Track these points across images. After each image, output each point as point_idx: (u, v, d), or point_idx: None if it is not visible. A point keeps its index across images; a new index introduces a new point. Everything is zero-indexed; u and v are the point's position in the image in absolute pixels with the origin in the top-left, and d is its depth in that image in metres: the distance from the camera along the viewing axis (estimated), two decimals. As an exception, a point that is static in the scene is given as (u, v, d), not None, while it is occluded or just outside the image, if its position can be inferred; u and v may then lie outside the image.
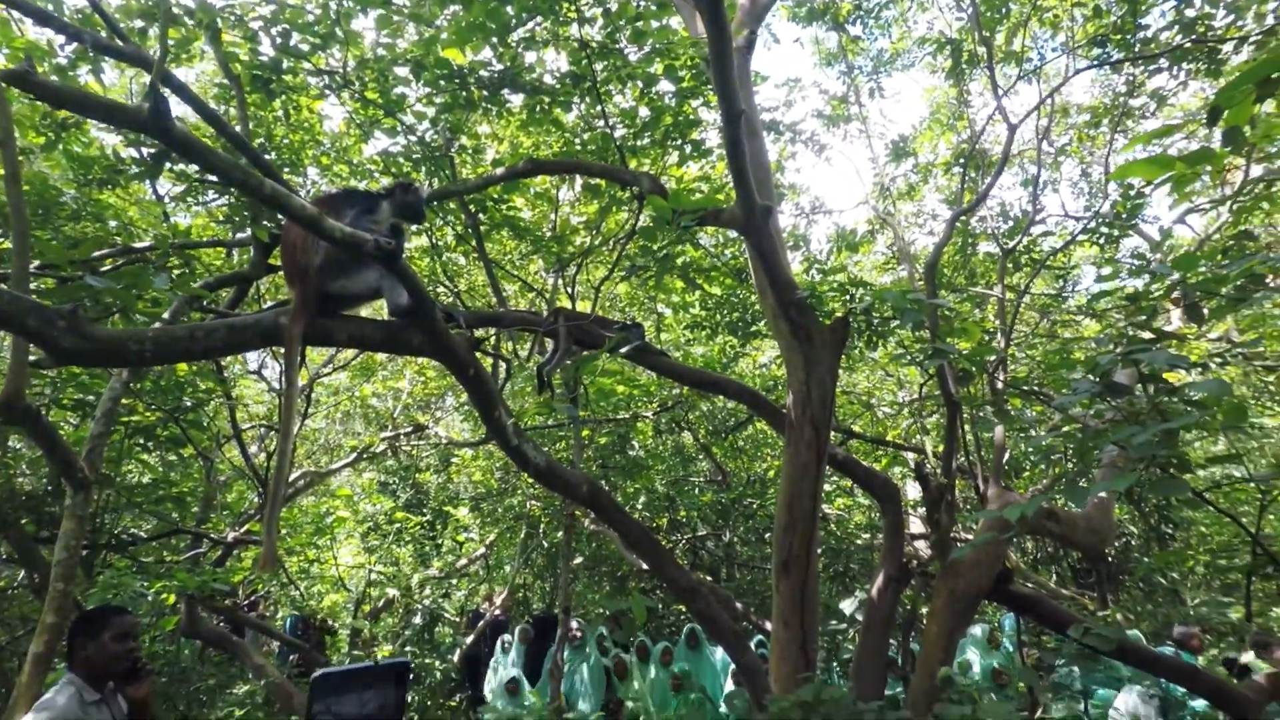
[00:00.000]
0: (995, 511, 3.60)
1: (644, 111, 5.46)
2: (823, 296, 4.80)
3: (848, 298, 4.66)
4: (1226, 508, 4.54)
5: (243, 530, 7.27)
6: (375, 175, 5.81)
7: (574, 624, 7.67)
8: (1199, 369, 4.10)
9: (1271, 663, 4.30)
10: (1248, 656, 5.69)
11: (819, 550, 5.13)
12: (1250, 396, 7.57)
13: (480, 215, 5.49)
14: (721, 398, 9.47)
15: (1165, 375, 3.21)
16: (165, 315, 4.32)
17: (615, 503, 3.84)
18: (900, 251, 6.70)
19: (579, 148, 5.84)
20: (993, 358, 5.13)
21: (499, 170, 4.58)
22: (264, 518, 2.39)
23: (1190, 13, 5.14)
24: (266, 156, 4.85)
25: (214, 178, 4.32)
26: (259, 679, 7.93)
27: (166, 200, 6.00)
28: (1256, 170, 6.26)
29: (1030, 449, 6.10)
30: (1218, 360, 6.12)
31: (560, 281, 6.31)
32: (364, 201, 2.72)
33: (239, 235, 4.82)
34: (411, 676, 7.88)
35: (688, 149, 5.35)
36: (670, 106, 5.07)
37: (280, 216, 3.70)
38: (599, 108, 4.98)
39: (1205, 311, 3.13)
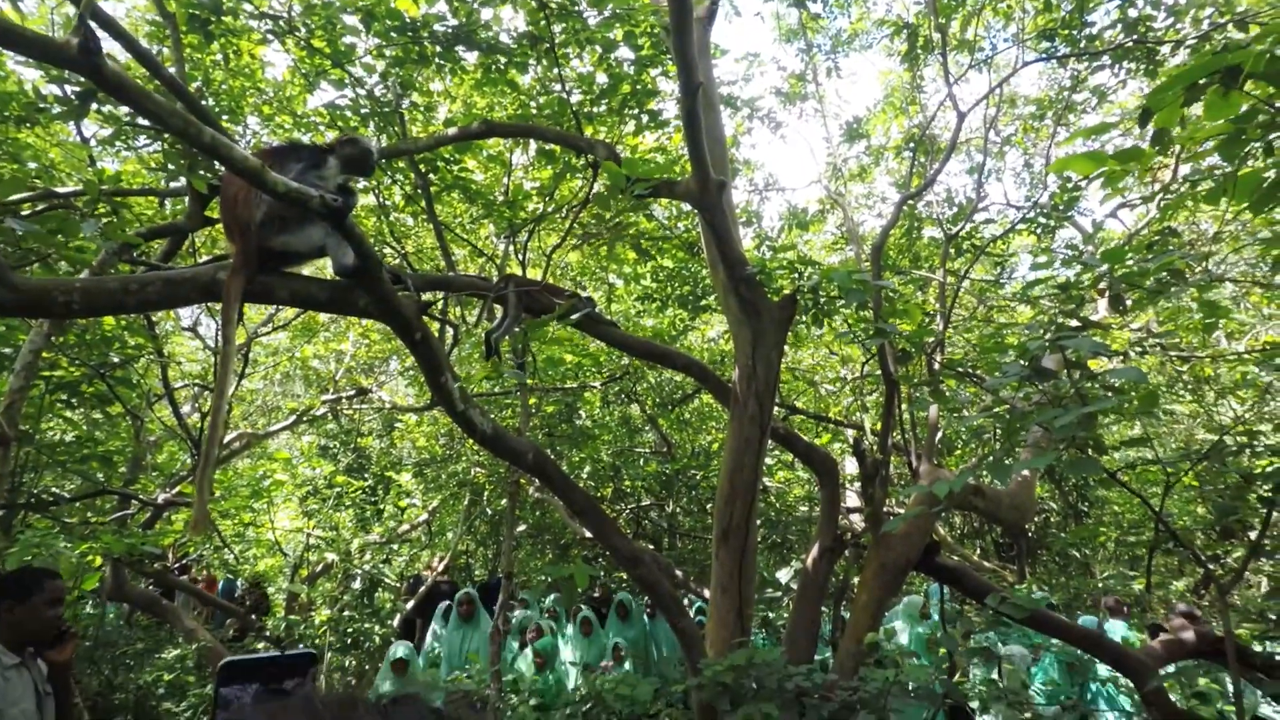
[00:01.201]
0: (926, 487, 3.75)
1: (601, 78, 5.38)
2: (772, 274, 4.87)
3: (796, 276, 4.74)
4: (1136, 488, 4.84)
5: (174, 492, 7.04)
6: (320, 129, 5.60)
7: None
8: (1119, 357, 4.33)
9: (1170, 630, 4.63)
10: (1116, 623, 6.16)
11: (758, 521, 5.27)
12: (1164, 385, 8.03)
13: (430, 176, 5.36)
14: (669, 370, 9.57)
15: (1089, 362, 3.38)
16: (93, 265, 4.11)
17: (561, 471, 3.86)
18: (849, 232, 6.82)
19: (534, 112, 5.74)
20: (931, 339, 5.30)
21: (451, 130, 4.47)
22: (196, 478, 2.34)
23: (1133, 12, 5.33)
24: (203, 103, 4.62)
25: (147, 122, 4.11)
26: (190, 643, 7.77)
27: (93, 144, 5.66)
28: (1185, 169, 6.57)
29: (962, 428, 6.36)
30: (1137, 350, 6.47)
31: (511, 248, 6.23)
32: (310, 156, 2.63)
33: (173, 184, 4.59)
34: (317, 658, 7.81)
35: (644, 119, 5.32)
36: (629, 75, 5.02)
37: (220, 167, 3.55)
38: (556, 71, 4.89)
39: (1129, 302, 3.30)
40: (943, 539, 8.63)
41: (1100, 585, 9.47)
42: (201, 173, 4.07)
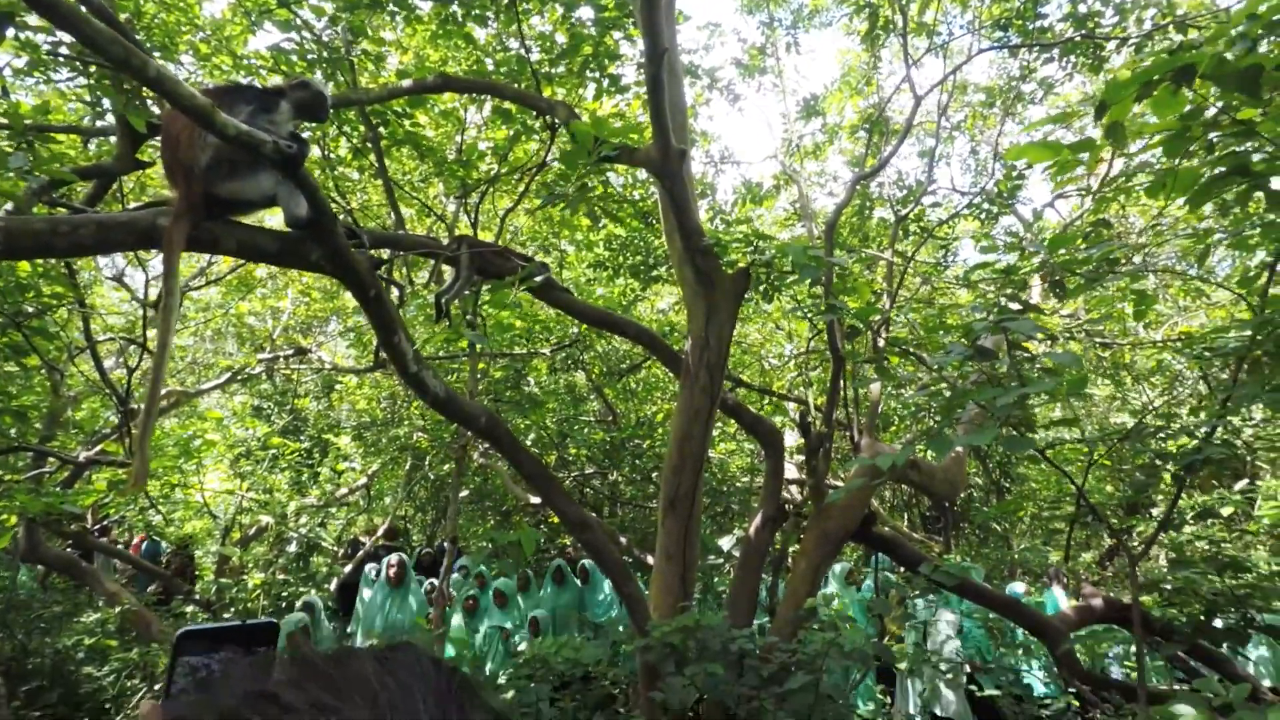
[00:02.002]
0: (869, 460, 3.88)
1: (561, 38, 5.25)
2: (727, 246, 4.90)
3: (751, 249, 4.78)
4: (1061, 465, 5.11)
5: (96, 450, 6.69)
6: (263, 73, 5.30)
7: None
8: (1051, 340, 4.54)
9: (1083, 598, 4.95)
10: (1057, 590, 6.56)
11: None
12: (1088, 369, 8.47)
13: (380, 130, 5.16)
14: (617, 339, 9.56)
15: (1025, 345, 3.53)
16: (8, 207, 3.82)
17: (512, 436, 3.84)
18: (802, 209, 6.91)
19: (491, 69, 5.56)
20: (877, 318, 5.45)
21: (406, 82, 4.30)
22: (137, 435, 2.23)
23: (1082, 8, 5.49)
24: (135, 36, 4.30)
25: (70, 53, 3.82)
26: (112, 606, 7.48)
27: (6, 74, 5.22)
28: (1119, 164, 6.87)
29: (902, 404, 6.58)
30: (1065, 335, 6.80)
31: (462, 208, 6.08)
32: (260, 98, 2.49)
33: (100, 123, 4.29)
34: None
35: (605, 83, 5.22)
36: (590, 35, 4.91)
37: (158, 106, 3.34)
38: (515, 27, 4.74)
39: (1067, 288, 3.45)
40: (875, 510, 8.96)
41: (1016, 557, 10.06)
42: (137, 110, 3.81)
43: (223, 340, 12.19)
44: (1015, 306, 3.70)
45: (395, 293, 6.96)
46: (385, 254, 3.94)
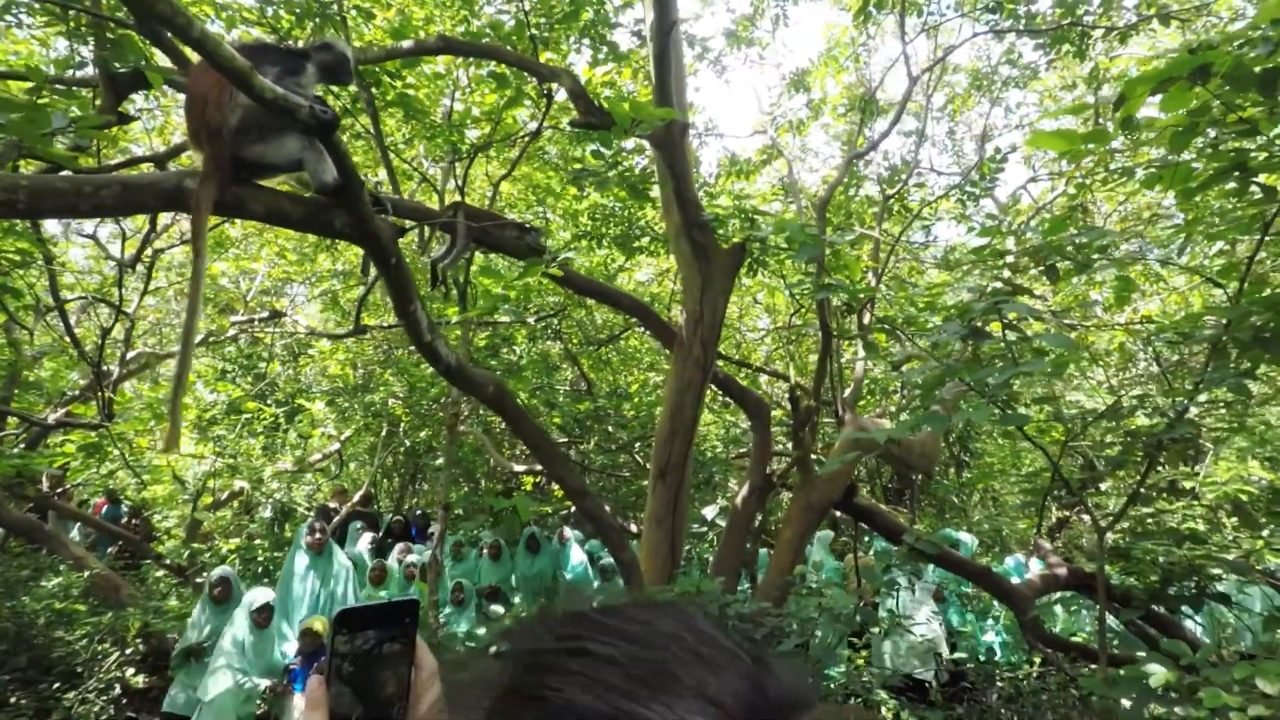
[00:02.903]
0: (861, 434, 4.02)
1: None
2: (724, 220, 4.95)
3: (747, 224, 4.84)
4: (1038, 441, 5.33)
5: (63, 412, 6.51)
6: (248, 27, 5.10)
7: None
8: (1042, 321, 4.70)
9: (1049, 567, 5.22)
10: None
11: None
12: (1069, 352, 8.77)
13: (372, 90, 5.03)
14: (597, 309, 9.56)
15: (1022, 326, 3.68)
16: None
17: (517, 405, 3.87)
18: (789, 185, 6.98)
19: (478, 30, 5.43)
20: (864, 296, 5.57)
21: (406, 43, 4.20)
22: (170, 399, 2.21)
23: (1072, -4, 5.60)
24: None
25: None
26: (79, 570, 7.33)
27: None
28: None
29: (890, 380, 6.75)
30: (1032, 316, 7.03)
31: (453, 174, 5.99)
32: (286, 60, 2.43)
33: (81, 73, 4.11)
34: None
35: (604, 51, 5.17)
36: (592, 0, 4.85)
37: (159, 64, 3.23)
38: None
39: (1059, 272, 3.60)
40: (855, 482, 9.25)
41: (971, 528, 10.49)
42: (119, 59, 3.65)
43: (185, 299, 11.80)
44: (1009, 289, 3.85)
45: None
46: (406, 222, 3.88)
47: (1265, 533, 4.96)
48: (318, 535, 6.12)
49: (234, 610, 5.42)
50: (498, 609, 6.96)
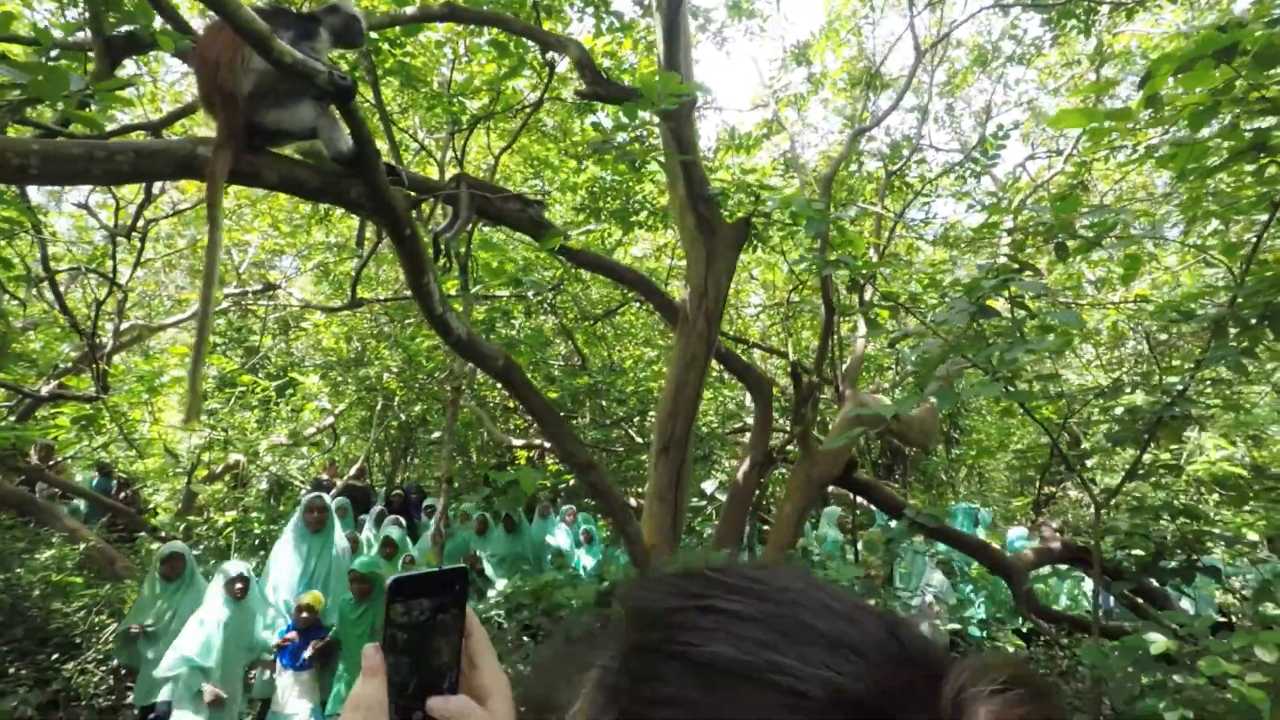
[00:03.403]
0: (867, 410, 4.05)
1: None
2: (729, 194, 4.92)
3: (751, 198, 4.81)
4: (1039, 418, 5.38)
5: (56, 384, 6.41)
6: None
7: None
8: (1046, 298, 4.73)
9: (1043, 541, 5.31)
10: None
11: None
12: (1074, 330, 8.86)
13: (372, 58, 4.92)
14: (594, 283, 9.52)
15: (1023, 304, 3.70)
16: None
17: (526, 378, 3.86)
18: (791, 160, 6.94)
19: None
20: (866, 272, 5.58)
21: (410, 9, 4.10)
22: (189, 370, 2.19)
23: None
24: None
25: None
26: (74, 543, 7.30)
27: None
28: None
29: (898, 357, 6.78)
30: (1029, 295, 7.07)
31: (451, 146, 5.90)
32: (299, 24, 2.37)
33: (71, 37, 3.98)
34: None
35: (608, 21, 5.08)
36: (597, -32, 4.75)
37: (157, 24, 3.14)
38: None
39: (1069, 249, 3.61)
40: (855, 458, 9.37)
41: (959, 501, 10.66)
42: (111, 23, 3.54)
43: (171, 272, 11.63)
44: (1015, 266, 3.87)
45: (373, 227, 6.78)
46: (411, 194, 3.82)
47: (1246, 509, 5.08)
48: (316, 514, 5.69)
49: (186, 589, 4.95)
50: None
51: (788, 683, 0.42)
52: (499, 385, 10.25)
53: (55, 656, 6.47)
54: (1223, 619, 5.41)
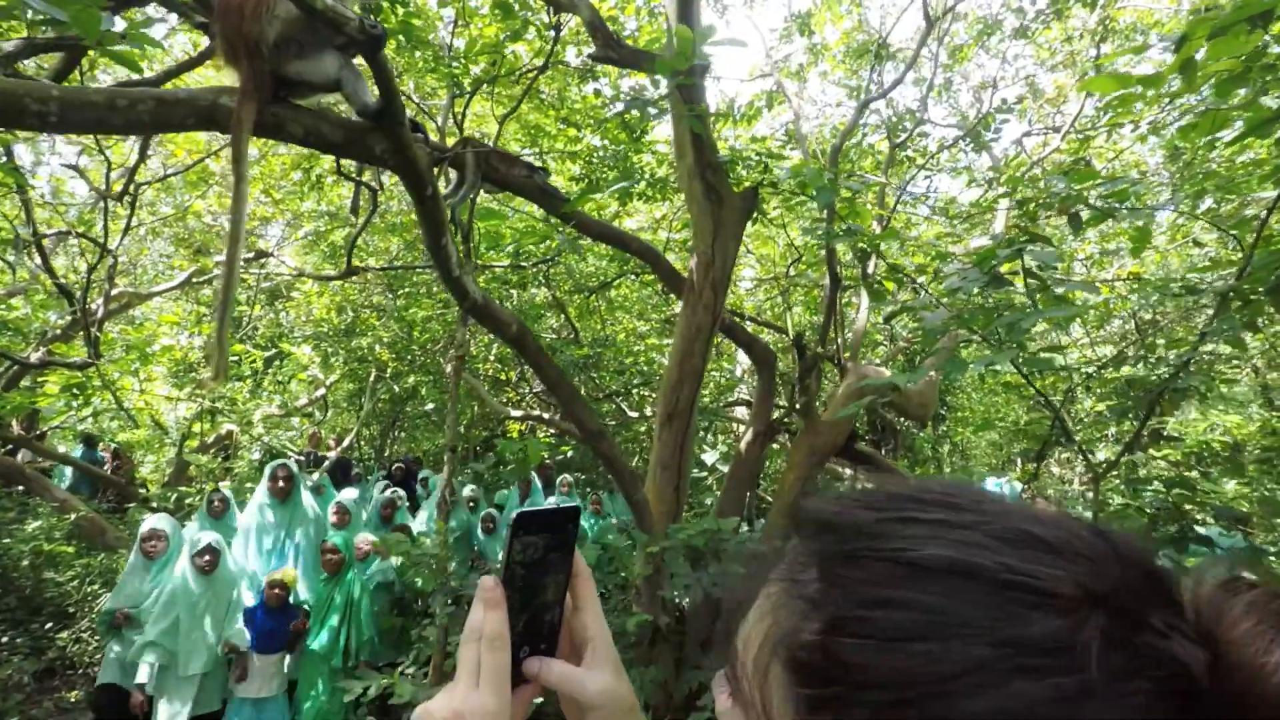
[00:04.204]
0: (874, 380, 4.08)
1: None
2: (737, 162, 4.88)
3: (763, 168, 4.78)
4: (1026, 391, 5.47)
5: (44, 351, 6.28)
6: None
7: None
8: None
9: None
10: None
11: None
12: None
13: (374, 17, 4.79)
14: (590, 252, 9.43)
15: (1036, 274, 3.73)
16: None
17: (538, 345, 3.84)
18: (795, 130, 6.90)
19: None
20: (876, 243, 5.58)
21: (417, -34, 4.00)
22: (215, 330, 2.15)
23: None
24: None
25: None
26: (64, 514, 7.23)
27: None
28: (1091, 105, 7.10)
29: (902, 327, 6.81)
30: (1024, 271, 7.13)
31: (451, 111, 5.80)
32: (322, -29, 2.30)
33: None
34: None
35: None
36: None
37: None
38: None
39: (1082, 221, 3.63)
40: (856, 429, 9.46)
41: (947, 475, 10.83)
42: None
43: (155, 239, 11.37)
44: (1028, 236, 3.89)
45: (368, 195, 6.67)
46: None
47: (1233, 483, 5.20)
48: (282, 482, 5.56)
49: (171, 568, 4.63)
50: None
51: (1029, 582, 0.41)
52: (490, 358, 10.27)
53: (49, 626, 6.44)
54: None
